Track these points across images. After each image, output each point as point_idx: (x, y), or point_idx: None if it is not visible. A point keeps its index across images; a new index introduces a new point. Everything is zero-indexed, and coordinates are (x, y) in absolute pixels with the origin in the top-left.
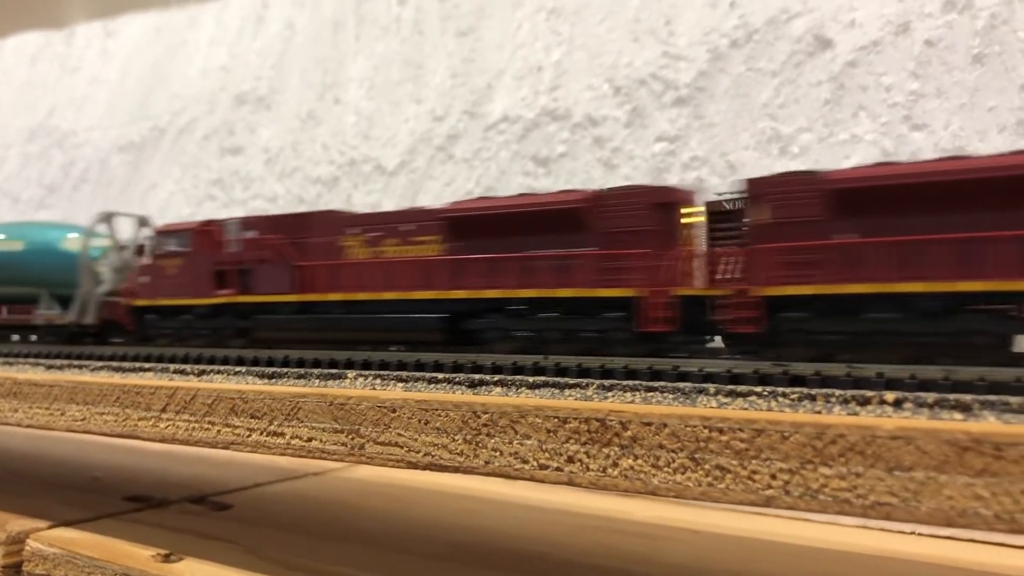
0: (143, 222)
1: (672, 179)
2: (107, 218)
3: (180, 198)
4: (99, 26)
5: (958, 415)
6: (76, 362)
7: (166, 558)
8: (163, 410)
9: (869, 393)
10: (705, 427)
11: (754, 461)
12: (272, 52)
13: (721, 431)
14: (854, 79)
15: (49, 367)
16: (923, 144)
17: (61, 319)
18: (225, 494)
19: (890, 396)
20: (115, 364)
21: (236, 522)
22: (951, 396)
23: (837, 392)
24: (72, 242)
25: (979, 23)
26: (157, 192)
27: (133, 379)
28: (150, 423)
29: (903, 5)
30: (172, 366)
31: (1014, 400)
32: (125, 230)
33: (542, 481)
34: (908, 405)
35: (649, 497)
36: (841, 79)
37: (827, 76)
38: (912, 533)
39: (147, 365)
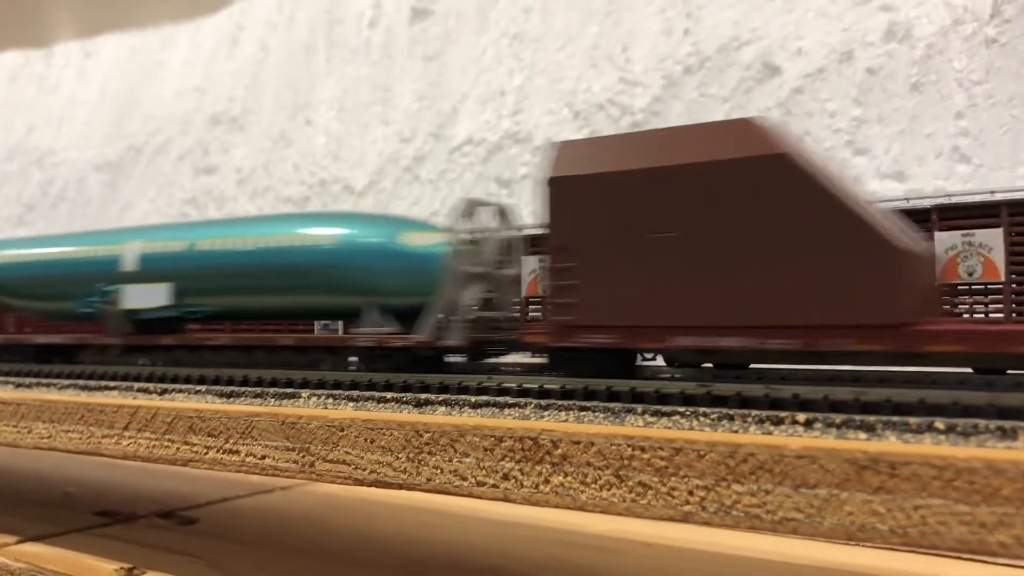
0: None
1: None
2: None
3: (155, 217)
4: (77, 46)
5: (863, 435)
6: (44, 380)
7: (129, 572)
8: (125, 428)
9: (783, 413)
10: (628, 446)
11: (673, 478)
12: (245, 74)
13: (643, 449)
14: (800, 105)
15: (17, 385)
16: (866, 168)
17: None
18: (193, 508)
19: (802, 416)
20: (81, 383)
21: (202, 536)
22: (858, 417)
23: (754, 412)
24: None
25: (917, 52)
26: (133, 211)
27: (97, 397)
28: (113, 441)
29: (847, 34)
30: (136, 384)
31: (914, 420)
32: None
33: (479, 497)
34: (818, 425)
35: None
36: (788, 105)
37: (775, 102)
38: (858, 545)
39: (112, 384)
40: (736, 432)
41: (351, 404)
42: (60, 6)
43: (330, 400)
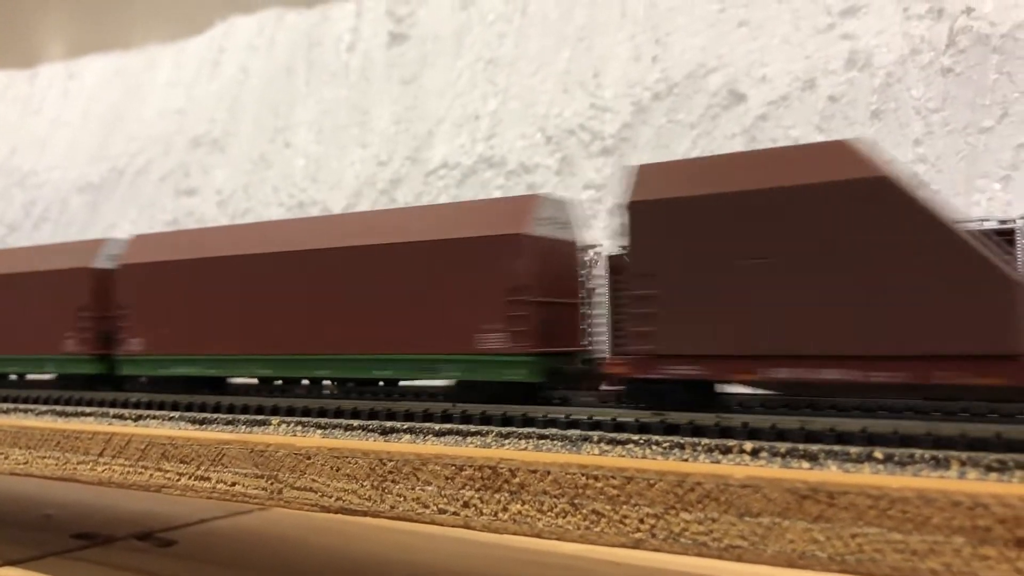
0: None
1: (599, 225)
2: None
3: None
4: (61, 67)
5: (806, 464)
6: (22, 406)
7: None
8: (100, 455)
9: (731, 442)
10: (583, 474)
11: (625, 506)
12: (227, 96)
13: (596, 478)
14: (765, 132)
15: None
16: None
17: None
18: (171, 530)
19: (749, 445)
20: (58, 408)
21: (179, 559)
22: (802, 446)
23: (705, 441)
24: None
25: (877, 81)
26: (115, 232)
27: (73, 424)
28: (88, 467)
29: (809, 62)
30: (112, 411)
31: (854, 450)
32: None
33: (441, 524)
34: (764, 454)
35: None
36: (753, 132)
37: (740, 129)
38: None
39: (88, 409)
40: (686, 461)
41: (319, 431)
42: (45, 27)
43: (299, 427)
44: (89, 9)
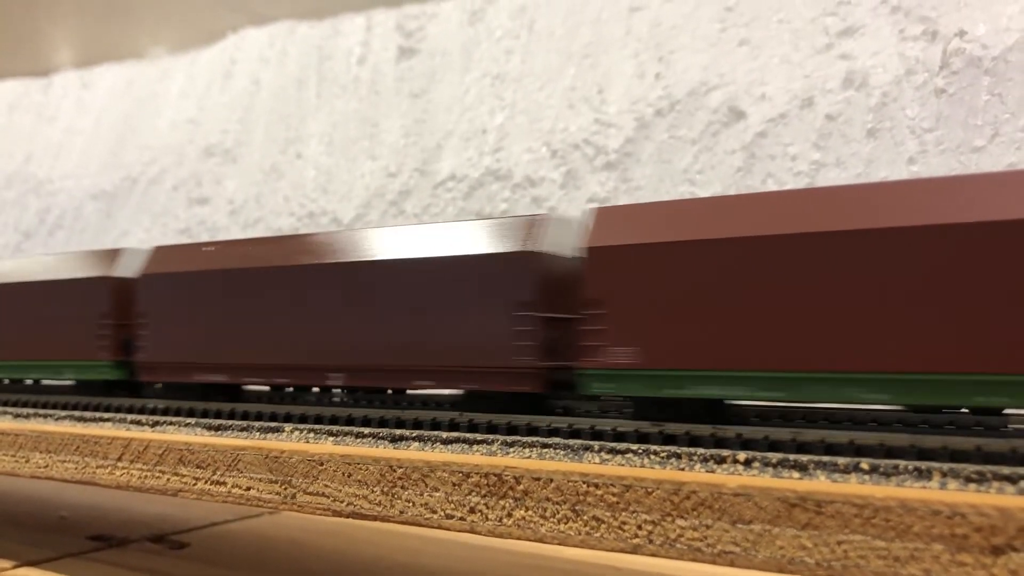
0: None
1: None
2: None
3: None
4: (75, 76)
5: (796, 474)
6: (42, 411)
7: None
8: (119, 459)
9: (725, 452)
10: (584, 482)
11: (624, 513)
12: (239, 107)
13: (597, 486)
14: (764, 148)
15: (16, 416)
16: None
17: None
18: (184, 533)
19: (742, 455)
20: (77, 414)
21: (192, 561)
22: (792, 456)
23: (700, 451)
24: None
25: (873, 100)
26: (128, 240)
27: (92, 429)
28: (107, 471)
29: (808, 81)
30: (129, 416)
31: (842, 461)
32: None
33: (448, 529)
34: (756, 464)
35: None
36: (752, 148)
37: (740, 145)
38: None
39: (106, 415)
40: (682, 470)
41: (331, 439)
42: (59, 37)
43: (311, 434)
44: (103, 20)
